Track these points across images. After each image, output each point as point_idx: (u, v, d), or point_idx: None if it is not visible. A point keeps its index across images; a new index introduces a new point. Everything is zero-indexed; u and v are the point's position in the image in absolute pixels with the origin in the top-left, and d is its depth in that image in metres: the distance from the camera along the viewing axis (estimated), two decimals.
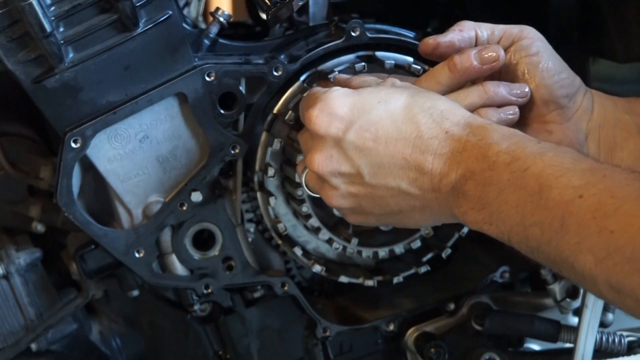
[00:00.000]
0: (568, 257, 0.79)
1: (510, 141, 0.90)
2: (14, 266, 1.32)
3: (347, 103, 0.99)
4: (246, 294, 1.41)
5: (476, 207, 0.89)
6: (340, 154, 0.99)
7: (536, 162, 0.85)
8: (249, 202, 1.38)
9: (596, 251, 0.76)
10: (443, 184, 0.93)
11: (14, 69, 1.11)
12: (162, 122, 1.21)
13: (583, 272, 0.78)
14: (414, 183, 0.96)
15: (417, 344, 1.40)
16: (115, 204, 1.25)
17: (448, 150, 0.93)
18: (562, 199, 0.80)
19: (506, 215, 0.86)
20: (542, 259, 0.84)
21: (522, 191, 0.84)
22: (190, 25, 1.23)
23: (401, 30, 1.28)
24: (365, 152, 0.98)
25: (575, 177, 0.81)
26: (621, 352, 1.38)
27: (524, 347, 1.46)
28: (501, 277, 1.41)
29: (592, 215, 0.77)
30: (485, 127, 0.93)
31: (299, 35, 1.29)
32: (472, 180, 0.90)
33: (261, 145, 1.27)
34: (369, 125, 0.97)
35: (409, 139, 0.95)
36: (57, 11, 1.09)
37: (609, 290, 0.77)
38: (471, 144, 0.92)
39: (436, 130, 0.94)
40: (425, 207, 0.97)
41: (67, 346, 1.39)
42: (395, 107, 0.98)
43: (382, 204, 1.00)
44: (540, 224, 0.82)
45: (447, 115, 0.96)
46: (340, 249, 1.31)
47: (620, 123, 1.09)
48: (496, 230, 0.88)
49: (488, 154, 0.89)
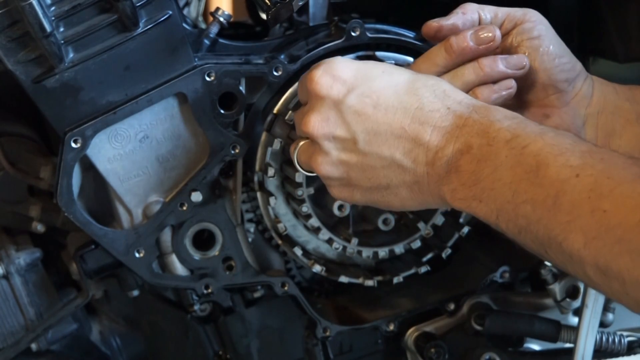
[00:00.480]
0: (557, 235, 0.79)
1: (512, 121, 0.90)
2: (14, 266, 1.32)
3: (351, 68, 1.00)
4: (246, 294, 1.41)
5: (468, 183, 0.89)
6: (338, 117, 0.99)
7: (536, 140, 0.85)
8: (249, 202, 1.38)
9: (587, 231, 0.76)
10: (438, 157, 0.93)
11: (14, 69, 1.11)
12: (162, 122, 1.21)
13: (571, 252, 0.78)
14: (408, 154, 0.95)
15: (417, 344, 1.40)
16: (115, 204, 1.25)
17: (448, 124, 0.93)
18: (558, 177, 0.80)
19: (498, 192, 0.86)
20: (529, 239, 0.84)
21: (518, 168, 0.84)
22: (190, 25, 1.23)
23: (401, 30, 1.28)
24: (363, 118, 0.97)
25: (573, 157, 0.81)
26: (621, 352, 1.38)
27: (524, 347, 1.46)
28: (501, 277, 1.41)
29: (587, 195, 0.77)
30: (488, 107, 0.93)
31: (299, 35, 1.29)
32: (469, 154, 0.90)
33: (261, 145, 1.27)
34: (370, 92, 0.98)
35: (410, 109, 0.95)
36: (57, 11, 1.09)
37: (595, 272, 0.76)
38: (473, 120, 0.92)
39: (438, 105, 0.95)
40: (414, 182, 0.96)
41: (67, 346, 1.39)
42: (398, 79, 0.98)
43: (371, 176, 0.99)
44: (533, 201, 0.82)
45: (449, 94, 0.96)
46: (340, 249, 1.31)
47: (620, 110, 1.09)
48: (484, 209, 0.88)
49: (489, 130, 0.89)
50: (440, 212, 1.32)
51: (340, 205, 1.30)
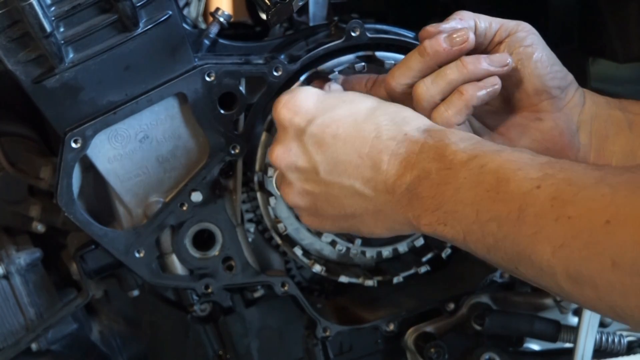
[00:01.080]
0: (525, 249, 0.78)
1: (468, 142, 0.90)
2: (14, 266, 1.32)
3: (313, 99, 1.01)
4: (246, 294, 1.41)
5: (430, 208, 0.89)
6: (299, 147, 1.00)
7: (494, 158, 0.85)
8: (249, 202, 1.38)
9: (554, 239, 0.75)
10: (397, 185, 0.93)
11: (14, 69, 1.11)
12: (162, 122, 1.22)
13: (540, 264, 0.77)
14: (368, 183, 0.96)
15: (417, 344, 1.40)
16: (116, 204, 1.25)
17: (404, 151, 0.93)
18: (519, 191, 0.79)
19: (462, 214, 0.85)
20: (499, 257, 0.83)
21: (479, 187, 0.84)
22: (190, 26, 1.23)
23: (401, 30, 1.28)
24: (323, 148, 0.98)
25: (533, 170, 0.80)
26: (621, 352, 1.38)
27: (523, 347, 1.46)
28: (501, 277, 1.41)
29: (550, 203, 0.76)
30: (444, 131, 0.94)
31: (299, 35, 1.29)
32: (427, 180, 0.89)
33: (261, 145, 1.27)
34: (330, 122, 0.98)
35: (368, 138, 0.96)
36: (57, 11, 1.09)
37: (567, 281, 0.75)
38: (428, 145, 0.92)
39: (395, 132, 0.95)
40: (378, 211, 0.96)
41: (67, 346, 1.39)
42: (359, 107, 0.99)
43: (336, 205, 1.00)
44: (497, 218, 0.81)
45: (408, 120, 0.97)
46: (343, 250, 1.31)
47: (612, 118, 1.09)
48: (451, 231, 0.87)
49: (445, 153, 0.89)
50: None
51: None
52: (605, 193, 0.73)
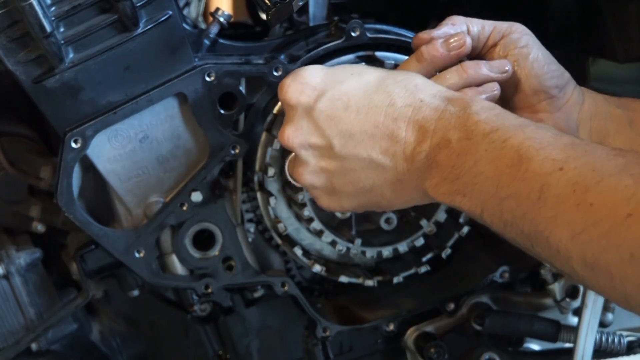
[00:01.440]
0: (543, 230, 0.78)
1: (490, 113, 0.88)
2: (14, 266, 1.32)
3: (320, 73, 0.99)
4: (246, 294, 1.41)
5: (449, 178, 0.88)
6: (311, 124, 0.98)
7: (517, 133, 0.84)
8: (249, 202, 1.38)
9: (573, 225, 0.75)
10: (416, 152, 0.91)
11: (14, 69, 1.11)
12: (162, 122, 1.22)
13: (558, 247, 0.77)
14: (385, 153, 0.94)
15: (417, 344, 1.40)
16: (116, 204, 1.25)
17: (423, 117, 0.91)
18: (541, 171, 0.79)
19: (481, 186, 0.84)
20: (515, 234, 0.82)
21: (499, 162, 0.83)
22: (191, 26, 1.23)
23: (401, 30, 1.28)
24: (335, 121, 0.96)
25: (556, 151, 0.80)
26: (621, 352, 1.38)
27: (523, 347, 1.46)
28: (501, 277, 1.41)
29: (572, 188, 0.75)
30: (464, 99, 0.92)
31: (299, 35, 1.29)
32: (447, 149, 0.88)
33: (261, 145, 1.27)
34: (340, 94, 0.96)
35: (381, 107, 0.94)
36: (57, 11, 1.09)
37: (582, 267, 0.75)
38: (449, 112, 0.90)
39: (410, 99, 0.93)
40: (397, 181, 0.94)
41: (67, 346, 1.39)
42: (368, 78, 0.97)
43: (353, 180, 0.98)
44: (517, 196, 0.80)
45: (422, 88, 0.95)
46: (344, 250, 1.31)
47: (612, 115, 1.09)
48: (469, 203, 0.86)
49: (467, 123, 0.88)
50: (443, 209, 1.33)
51: None
52: (628, 184, 0.72)
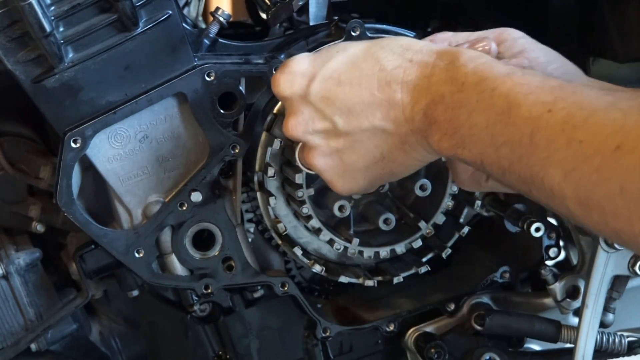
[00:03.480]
0: (538, 172, 0.79)
1: (477, 62, 0.89)
2: (14, 266, 1.32)
3: (306, 60, 1.01)
4: (246, 294, 1.41)
5: (449, 132, 0.89)
6: (310, 110, 0.99)
7: (504, 81, 0.84)
8: (249, 202, 1.38)
9: (565, 163, 0.76)
10: (415, 112, 0.92)
11: (14, 69, 1.11)
12: (162, 122, 1.21)
13: (552, 187, 0.78)
14: (386, 118, 0.95)
15: (417, 344, 1.40)
16: (115, 204, 1.25)
17: (415, 76, 0.93)
18: (530, 115, 0.80)
19: (477, 137, 0.86)
20: (514, 179, 0.84)
21: (490, 111, 0.84)
22: (190, 25, 1.23)
23: (401, 30, 1.28)
24: (332, 100, 0.97)
25: (544, 94, 0.81)
26: (621, 353, 1.38)
27: (524, 347, 1.46)
28: (501, 277, 1.41)
29: (561, 127, 0.76)
30: (451, 51, 0.93)
31: (299, 35, 1.29)
32: (442, 104, 0.89)
33: (261, 145, 1.27)
34: (330, 73, 0.98)
35: (372, 74, 0.95)
36: (56, 11, 1.09)
37: (576, 206, 0.76)
38: (439, 68, 0.91)
39: (399, 61, 0.94)
40: (404, 142, 0.96)
41: (66, 346, 1.39)
42: (354, 51, 0.98)
43: (364, 151, 0.99)
44: (510, 142, 0.82)
45: (408, 47, 0.96)
46: (341, 249, 1.31)
47: None
48: (469, 155, 0.88)
49: (456, 76, 0.89)
50: (441, 211, 1.32)
51: (340, 205, 1.30)
52: (616, 118, 0.73)
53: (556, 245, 1.36)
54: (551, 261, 1.37)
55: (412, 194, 1.33)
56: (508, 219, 1.34)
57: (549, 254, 1.36)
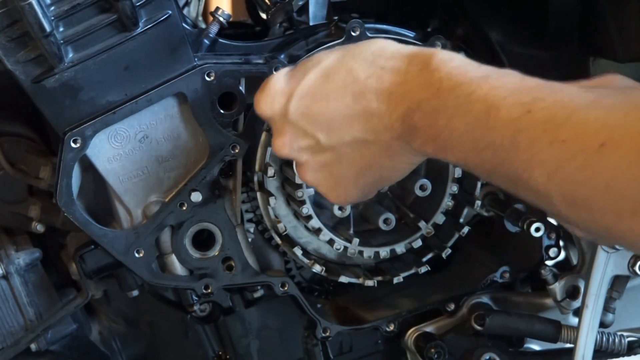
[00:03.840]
0: (522, 173, 0.78)
1: (450, 65, 0.87)
2: (14, 266, 1.32)
3: (282, 78, 0.99)
4: (246, 294, 1.41)
5: (430, 137, 0.88)
6: (292, 128, 0.98)
7: (480, 85, 0.83)
8: (249, 202, 1.38)
9: (548, 164, 0.75)
10: (394, 120, 0.91)
11: (14, 69, 1.11)
12: (162, 122, 1.21)
13: (537, 188, 0.77)
14: (365, 128, 0.93)
15: (417, 344, 1.40)
16: (115, 204, 1.25)
17: (389, 84, 0.91)
18: (510, 117, 0.79)
19: (458, 142, 0.85)
20: (501, 181, 0.83)
21: (469, 116, 0.83)
22: (190, 25, 1.23)
23: (401, 30, 1.28)
24: (311, 116, 0.96)
25: (522, 95, 0.79)
26: (621, 353, 1.38)
27: (524, 347, 1.46)
28: (501, 277, 1.41)
29: (543, 128, 0.75)
30: (423, 54, 0.90)
31: (299, 35, 1.29)
32: (419, 111, 0.88)
33: (261, 145, 1.27)
34: (307, 89, 0.96)
35: (346, 86, 0.94)
36: (56, 11, 1.09)
37: (563, 205, 0.75)
38: (412, 74, 0.89)
39: (371, 70, 0.92)
40: (388, 148, 0.94)
41: (66, 346, 1.39)
42: (326, 64, 0.97)
43: (350, 163, 0.98)
44: (492, 145, 0.80)
45: (379, 53, 0.94)
46: (341, 249, 1.31)
47: None
48: (454, 158, 0.87)
49: (431, 81, 0.87)
50: (441, 211, 1.32)
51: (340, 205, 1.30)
52: (598, 116, 0.72)
53: (556, 245, 1.36)
54: (551, 261, 1.37)
55: (412, 194, 1.33)
56: (508, 219, 1.34)
57: (549, 254, 1.36)
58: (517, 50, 1.34)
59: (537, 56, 1.35)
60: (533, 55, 1.35)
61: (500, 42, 1.34)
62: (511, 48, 1.34)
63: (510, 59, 1.33)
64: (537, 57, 1.35)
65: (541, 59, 1.35)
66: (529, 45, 1.34)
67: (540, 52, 1.35)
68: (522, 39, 1.35)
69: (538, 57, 1.35)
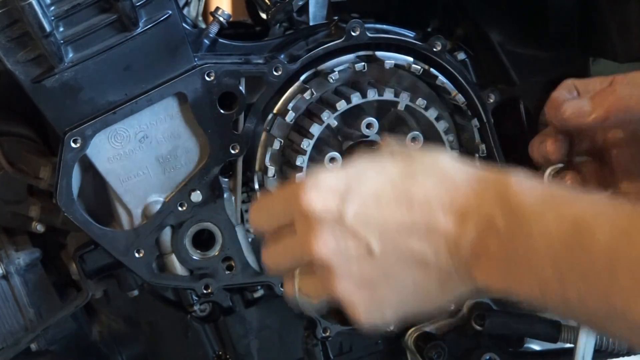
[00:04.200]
0: (618, 305, 0.71)
1: (533, 192, 0.80)
2: (14, 266, 1.32)
3: (340, 176, 0.87)
4: (246, 294, 1.41)
5: (500, 260, 0.79)
6: (344, 230, 0.84)
7: (571, 205, 0.77)
8: (249, 202, 1.37)
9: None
10: (459, 242, 0.81)
11: (14, 69, 1.11)
12: (162, 122, 1.21)
13: (637, 321, 0.70)
14: (425, 246, 0.83)
15: (417, 344, 1.40)
16: (115, 204, 1.25)
17: (460, 203, 0.81)
18: (605, 241, 0.72)
19: (536, 264, 0.76)
20: (583, 313, 0.75)
21: (555, 237, 0.75)
22: (190, 25, 1.23)
23: (401, 30, 1.28)
24: (370, 222, 0.84)
25: (619, 219, 0.73)
26: (621, 352, 1.38)
27: (524, 347, 1.46)
28: None
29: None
30: (501, 178, 0.82)
31: (299, 35, 1.29)
32: (495, 234, 0.79)
33: (261, 145, 1.27)
34: (367, 192, 0.85)
35: (413, 198, 0.83)
36: (56, 11, 1.09)
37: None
38: (488, 195, 0.81)
39: (443, 186, 0.83)
40: (441, 274, 0.83)
41: (66, 346, 1.39)
42: (392, 170, 0.86)
43: (397, 284, 0.85)
44: (581, 271, 0.73)
45: (451, 170, 0.84)
46: None
47: None
48: (527, 289, 0.78)
49: (510, 203, 0.79)
50: None
51: None
52: None
53: None
54: None
55: None
56: None
57: None
58: (517, 50, 1.34)
59: (537, 56, 1.35)
60: (533, 55, 1.34)
61: (500, 42, 1.34)
62: (511, 48, 1.34)
63: (510, 59, 1.33)
64: (537, 57, 1.35)
65: (541, 59, 1.35)
66: (529, 45, 1.34)
67: (540, 52, 1.35)
68: (522, 39, 1.35)
69: (538, 57, 1.35)
